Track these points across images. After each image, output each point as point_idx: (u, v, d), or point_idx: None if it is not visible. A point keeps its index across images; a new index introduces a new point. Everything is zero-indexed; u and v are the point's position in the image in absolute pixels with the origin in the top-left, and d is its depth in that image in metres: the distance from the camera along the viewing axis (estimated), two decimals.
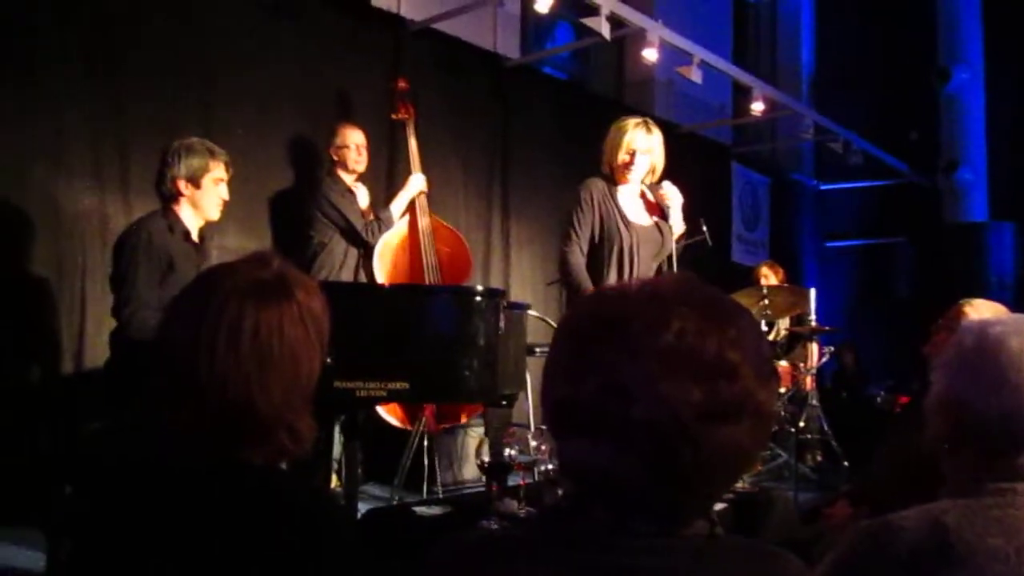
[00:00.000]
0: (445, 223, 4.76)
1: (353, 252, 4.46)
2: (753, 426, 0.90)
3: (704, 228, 4.44)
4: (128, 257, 3.13)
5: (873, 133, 8.33)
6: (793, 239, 9.50)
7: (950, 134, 9.28)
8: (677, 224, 3.79)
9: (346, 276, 4.38)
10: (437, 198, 4.92)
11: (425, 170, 4.68)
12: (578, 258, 3.64)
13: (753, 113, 6.77)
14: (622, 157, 3.72)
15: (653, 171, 3.78)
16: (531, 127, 6.08)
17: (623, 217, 3.67)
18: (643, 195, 3.80)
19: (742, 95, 7.18)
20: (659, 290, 0.94)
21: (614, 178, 3.78)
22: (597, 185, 3.73)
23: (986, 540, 1.24)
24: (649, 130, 3.74)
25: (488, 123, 5.85)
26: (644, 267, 3.67)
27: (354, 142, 4.48)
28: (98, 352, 3.69)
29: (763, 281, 5.96)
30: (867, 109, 9.20)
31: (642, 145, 3.71)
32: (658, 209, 3.78)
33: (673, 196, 3.76)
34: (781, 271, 6.21)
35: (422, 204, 4.62)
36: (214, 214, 3.38)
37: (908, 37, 9.52)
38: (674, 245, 3.76)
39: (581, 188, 3.73)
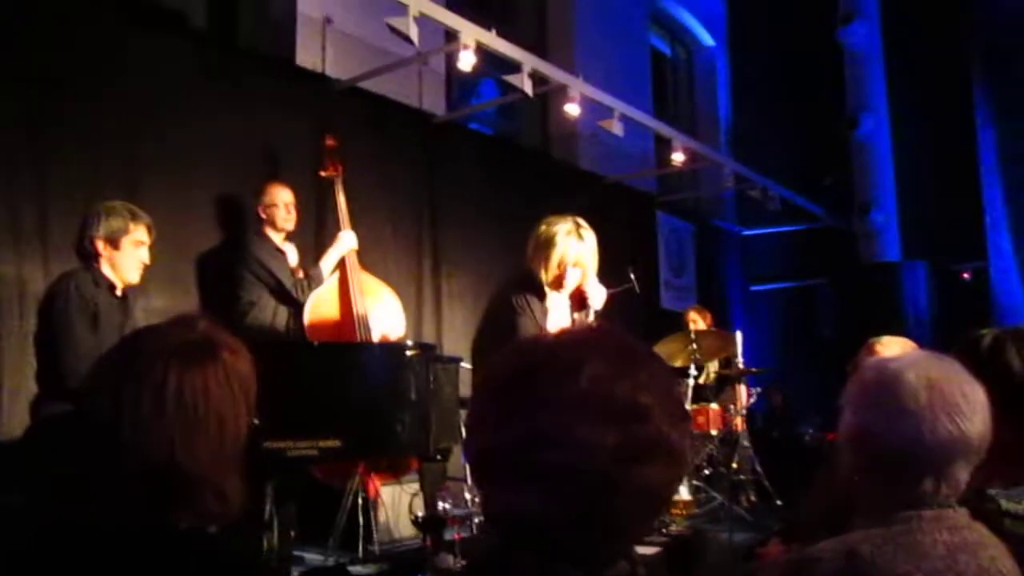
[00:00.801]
0: (376, 278, 4.75)
1: (283, 310, 4.42)
2: (667, 466, 0.94)
3: (632, 276, 4.52)
4: (60, 308, 3.11)
5: (790, 179, 8.67)
6: (719, 283, 9.74)
7: (862, 178, 9.72)
8: (594, 312, 3.76)
9: (276, 336, 4.34)
10: (367, 254, 4.90)
11: (354, 226, 4.67)
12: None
13: (675, 163, 6.95)
14: (553, 272, 3.59)
15: (584, 278, 3.69)
16: (459, 181, 6.15)
17: (547, 328, 3.61)
18: (572, 292, 3.76)
19: (664, 146, 7.39)
20: (572, 339, 0.98)
21: (545, 288, 3.65)
22: (532, 299, 3.61)
23: (897, 567, 1.30)
24: (580, 237, 3.59)
25: (417, 178, 5.92)
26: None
27: (282, 200, 4.47)
28: (14, 423, 3.56)
29: (692, 326, 6.10)
30: (783, 157, 9.52)
31: (573, 257, 3.58)
32: (580, 300, 3.74)
33: (596, 294, 3.70)
34: (709, 315, 6.36)
35: (352, 261, 4.59)
36: (133, 277, 3.35)
37: (818, 87, 10.00)
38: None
39: (515, 299, 3.57)
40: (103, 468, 1.20)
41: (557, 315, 3.67)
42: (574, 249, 3.56)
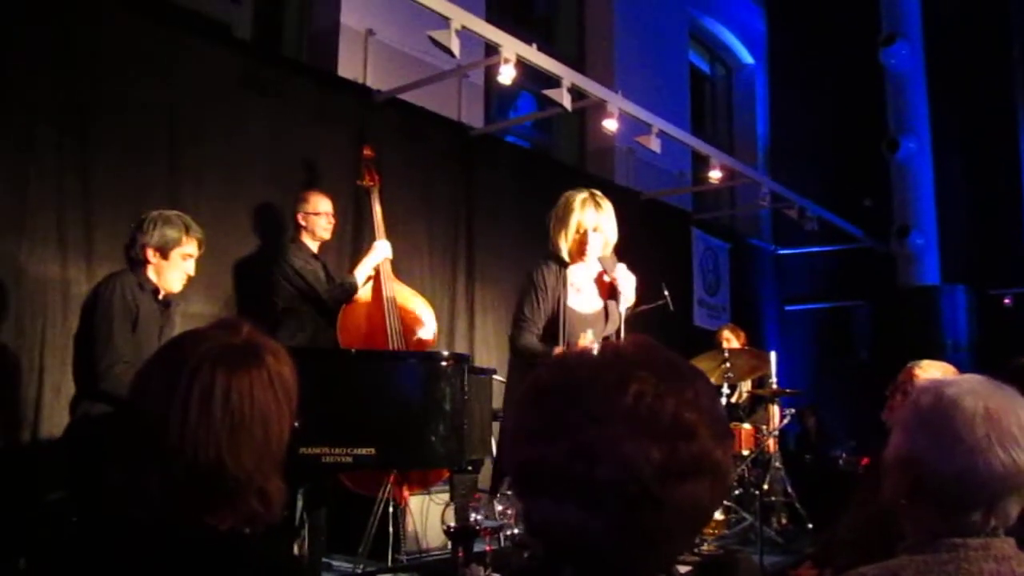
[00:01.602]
0: (411, 288, 4.76)
1: (318, 318, 4.45)
2: (711, 483, 0.94)
3: (666, 293, 4.39)
4: (103, 310, 3.14)
5: (827, 200, 8.59)
6: (753, 303, 9.65)
7: (901, 200, 9.58)
8: (627, 301, 3.68)
9: (311, 343, 4.35)
10: (402, 264, 4.93)
11: (390, 237, 4.70)
12: (528, 339, 3.56)
13: (711, 181, 6.91)
14: (573, 237, 3.59)
15: (606, 245, 3.66)
16: (495, 194, 6.14)
17: (570, 304, 3.61)
18: (599, 277, 3.71)
19: (701, 163, 7.34)
20: (619, 354, 0.97)
21: (566, 258, 3.65)
22: (550, 267, 3.62)
23: None
24: (598, 205, 3.59)
25: (453, 190, 5.92)
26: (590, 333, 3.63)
27: (324, 209, 4.50)
28: (55, 421, 3.63)
29: (725, 344, 6.03)
30: (821, 177, 9.47)
31: (592, 222, 3.57)
32: (611, 289, 3.69)
33: (625, 281, 3.60)
34: (742, 334, 6.27)
35: (386, 270, 4.60)
36: (176, 287, 3.38)
37: (858, 108, 9.88)
38: (622, 316, 3.66)
39: (533, 271, 3.62)
40: (149, 469, 1.21)
41: (584, 295, 3.63)
42: (591, 214, 3.55)
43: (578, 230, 3.57)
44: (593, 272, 3.67)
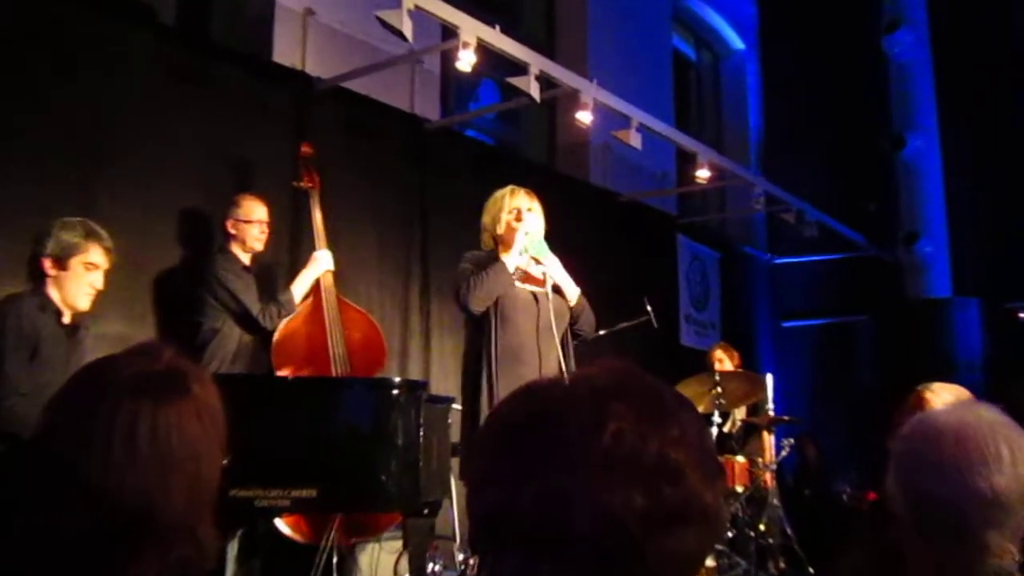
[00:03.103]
0: (356, 306, 4.72)
1: (249, 340, 4.41)
2: (701, 529, 0.93)
3: (648, 308, 4.53)
4: None
5: (827, 202, 8.65)
6: (747, 319, 9.70)
7: (908, 204, 9.70)
8: (569, 289, 3.93)
9: (241, 368, 4.32)
10: (346, 277, 4.88)
11: (332, 246, 4.65)
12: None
13: (698, 181, 6.91)
14: (506, 218, 3.91)
15: (539, 232, 3.94)
16: (453, 196, 6.07)
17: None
18: (524, 276, 3.92)
19: (686, 161, 7.36)
20: (593, 385, 0.96)
21: (497, 249, 3.93)
22: (478, 254, 3.93)
23: None
24: (530, 194, 3.97)
25: (405, 192, 5.84)
26: (526, 337, 3.77)
27: (258, 217, 4.47)
28: None
29: (716, 366, 6.03)
30: (820, 177, 9.53)
31: (525, 204, 3.92)
32: (540, 282, 3.90)
33: (547, 259, 3.88)
34: (736, 355, 6.29)
35: (328, 284, 4.57)
36: (81, 303, 3.33)
37: (861, 100, 10.01)
38: (569, 315, 3.89)
39: (463, 260, 3.93)
40: (64, 514, 1.20)
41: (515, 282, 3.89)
42: (524, 198, 3.92)
43: (511, 209, 3.88)
44: (519, 273, 3.87)
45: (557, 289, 3.86)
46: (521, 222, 3.86)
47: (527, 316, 3.78)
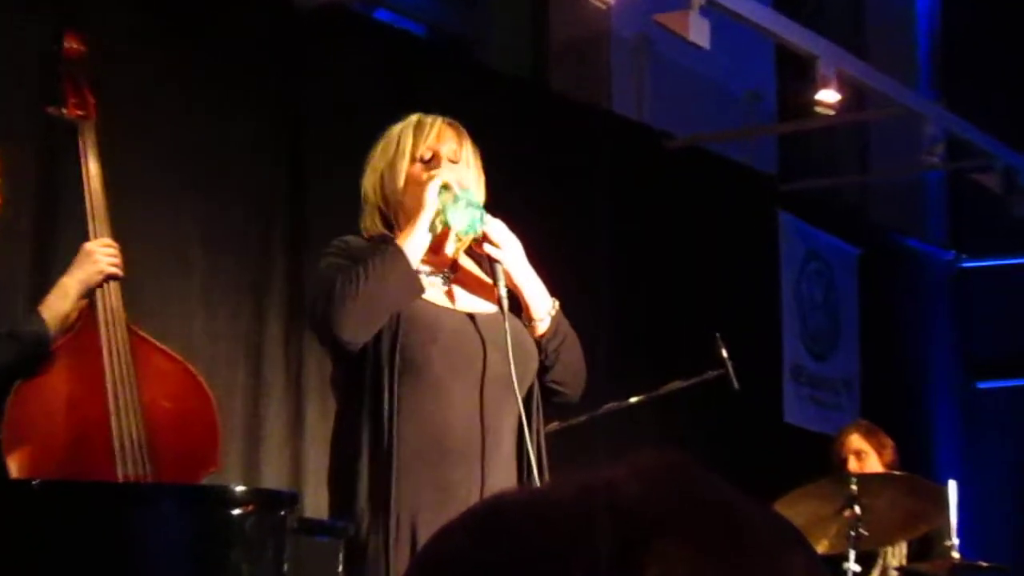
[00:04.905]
0: (165, 348, 3.65)
1: None
2: None
3: (724, 353, 3.58)
4: None
5: None
6: (910, 373, 7.13)
7: None
8: (535, 297, 2.86)
9: None
10: (147, 291, 3.98)
11: (125, 229, 3.57)
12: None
13: (820, 110, 5.13)
14: (407, 170, 2.98)
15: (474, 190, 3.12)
16: (349, 131, 4.56)
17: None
18: (454, 277, 3.06)
19: (796, 75, 5.53)
20: (619, 504, 0.67)
21: (392, 229, 3.04)
22: (356, 242, 3.03)
23: None
24: (456, 128, 3.08)
25: (265, 124, 4.53)
26: (458, 402, 2.80)
27: None
28: None
29: (852, 464, 4.72)
30: None
31: (449, 145, 3.01)
32: (484, 289, 2.96)
33: (505, 240, 2.90)
34: (889, 445, 4.90)
35: (112, 305, 3.51)
36: None
37: None
38: (537, 353, 2.88)
39: (326, 250, 3.04)
40: None
41: (434, 286, 3.01)
42: (449, 135, 3.02)
43: (415, 157, 2.99)
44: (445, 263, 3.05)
45: (515, 301, 2.86)
46: (436, 171, 2.96)
47: (459, 360, 2.87)
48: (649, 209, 5.76)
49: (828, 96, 5.04)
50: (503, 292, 2.75)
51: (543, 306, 2.84)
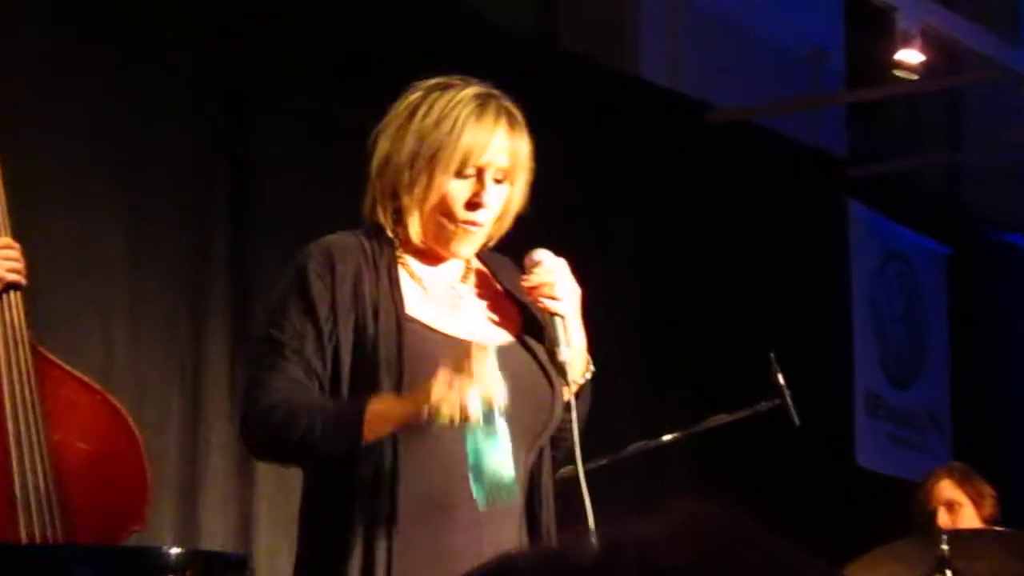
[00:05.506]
0: (78, 373, 3.42)
1: None
2: None
3: (780, 377, 3.29)
4: None
5: None
6: (1012, 404, 6.40)
7: None
8: (576, 350, 2.52)
9: None
10: (59, 303, 3.78)
11: (23, 228, 3.35)
12: (282, 381, 2.53)
13: (901, 73, 4.87)
14: (454, 169, 2.52)
15: (501, 219, 2.71)
16: (308, 112, 4.31)
17: (414, 313, 2.57)
18: (480, 280, 2.72)
19: (868, 30, 5.22)
20: (649, 566, 0.59)
21: (401, 232, 2.63)
22: (347, 249, 2.61)
23: None
24: (512, 126, 2.60)
25: (209, 97, 4.19)
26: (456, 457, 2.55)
27: None
28: None
29: (942, 518, 4.39)
30: None
31: (499, 163, 2.55)
32: (520, 313, 2.63)
33: (561, 278, 2.53)
34: (989, 494, 4.55)
35: (12, 319, 3.31)
36: None
37: None
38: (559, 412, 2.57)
39: (303, 257, 2.62)
40: None
41: (441, 304, 2.70)
42: (503, 137, 2.57)
43: (464, 162, 2.51)
44: (455, 275, 2.66)
45: (553, 358, 2.47)
46: (483, 203, 2.58)
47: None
48: (686, 198, 5.40)
49: (910, 56, 4.74)
50: (565, 356, 2.44)
51: (579, 368, 2.56)
